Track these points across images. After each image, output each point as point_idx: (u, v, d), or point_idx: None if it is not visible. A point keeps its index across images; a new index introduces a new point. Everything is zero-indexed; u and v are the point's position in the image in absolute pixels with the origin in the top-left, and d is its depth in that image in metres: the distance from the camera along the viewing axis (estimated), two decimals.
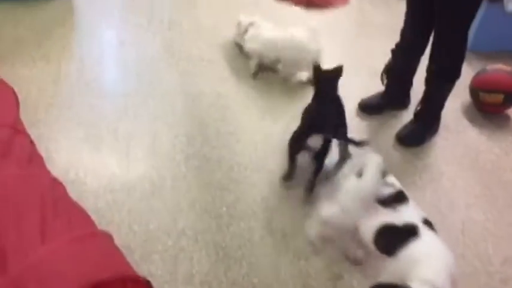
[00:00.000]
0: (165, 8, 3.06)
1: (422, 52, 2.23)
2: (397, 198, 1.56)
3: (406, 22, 2.21)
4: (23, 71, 2.42)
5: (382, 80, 2.39)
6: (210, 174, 2.04)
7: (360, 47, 2.95)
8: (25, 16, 2.82)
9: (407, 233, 1.44)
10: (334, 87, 2.04)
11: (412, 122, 2.31)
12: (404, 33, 2.23)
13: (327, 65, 2.03)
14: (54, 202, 1.35)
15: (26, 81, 2.36)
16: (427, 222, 1.49)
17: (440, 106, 2.26)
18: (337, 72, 2.00)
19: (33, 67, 2.46)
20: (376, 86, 2.44)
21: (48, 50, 2.59)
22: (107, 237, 1.38)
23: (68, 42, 2.70)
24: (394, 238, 1.46)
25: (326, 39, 2.97)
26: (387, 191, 1.58)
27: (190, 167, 2.06)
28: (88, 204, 1.80)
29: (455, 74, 2.12)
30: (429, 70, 2.15)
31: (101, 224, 1.65)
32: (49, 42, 2.65)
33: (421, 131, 2.29)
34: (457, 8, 1.93)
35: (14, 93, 1.77)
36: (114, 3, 3.07)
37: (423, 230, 1.45)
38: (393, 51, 2.31)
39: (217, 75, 2.59)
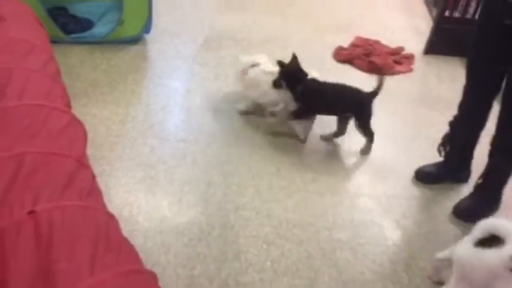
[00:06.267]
0: (233, 63, 3.19)
1: (481, 127, 2.19)
2: None
3: (465, 96, 2.18)
4: (94, 111, 2.58)
5: (439, 151, 2.35)
6: (258, 227, 2.04)
7: (420, 116, 2.93)
8: (102, 60, 3.04)
9: None
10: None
11: (471, 196, 2.23)
12: (462, 107, 2.21)
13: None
14: (107, 236, 1.39)
15: (96, 120, 2.51)
16: None
17: (503, 182, 2.17)
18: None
19: (104, 108, 2.61)
20: (434, 157, 2.40)
21: (119, 94, 2.76)
22: (152, 277, 1.39)
23: (138, 87, 2.86)
24: None
25: (386, 106, 2.99)
26: None
27: (240, 218, 2.07)
28: (137, 242, 1.85)
29: None
30: (494, 144, 2.09)
31: (147, 264, 1.67)
32: (121, 87, 2.82)
33: (481, 206, 2.20)
34: None
35: (83, 129, 1.88)
36: (185, 56, 3.24)
37: None
38: (451, 124, 2.28)
39: (277, 130, 2.63)
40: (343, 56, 3.46)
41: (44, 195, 1.34)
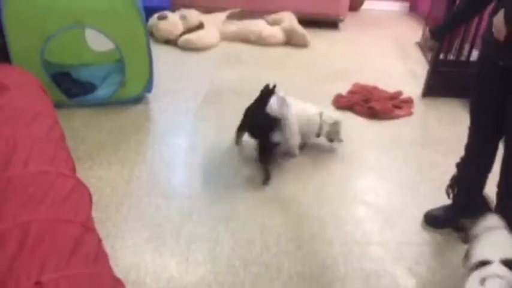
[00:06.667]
0: (233, 117, 3.23)
1: (488, 169, 2.18)
2: None
3: (470, 137, 2.19)
4: (99, 173, 2.59)
5: (447, 193, 2.34)
6: (268, 283, 2.00)
7: (423, 159, 2.93)
8: (106, 122, 3.08)
9: None
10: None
11: None
12: (468, 148, 2.21)
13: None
14: None
15: (101, 183, 2.52)
16: None
17: None
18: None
19: (109, 170, 2.63)
20: (441, 200, 2.38)
21: (123, 154, 2.78)
22: None
23: (142, 147, 2.89)
24: None
25: (389, 150, 3.00)
26: None
27: (249, 274, 2.03)
28: None
29: None
30: (500, 187, 2.07)
31: None
32: (125, 147, 2.85)
33: None
34: None
35: (88, 192, 1.88)
36: (186, 112, 3.29)
37: None
38: (458, 165, 2.27)
39: (280, 183, 2.64)
40: (343, 103, 3.50)
41: (50, 264, 1.33)
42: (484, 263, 1.66)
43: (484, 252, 1.73)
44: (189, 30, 4.55)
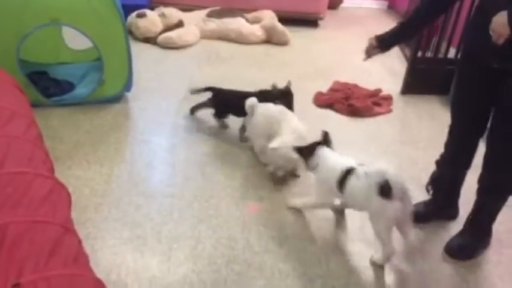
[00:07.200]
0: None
1: (467, 166, 2.20)
2: None
3: (450, 135, 2.22)
4: (78, 173, 2.55)
5: (427, 190, 2.37)
6: (250, 280, 2.00)
7: (403, 156, 2.96)
8: (84, 121, 3.04)
9: None
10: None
11: (461, 233, 2.23)
12: (448, 146, 2.23)
13: None
14: None
15: (80, 182, 2.48)
16: None
17: (492, 219, 2.17)
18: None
19: (88, 169, 2.59)
20: (421, 196, 2.41)
21: (102, 153, 2.75)
22: None
23: (122, 146, 2.85)
24: None
25: (369, 147, 3.02)
26: None
27: (231, 272, 2.03)
28: None
29: (509, 189, 2.06)
30: (481, 182, 2.09)
31: None
32: (104, 146, 2.81)
33: (472, 244, 2.20)
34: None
35: (67, 193, 1.85)
36: (167, 111, 3.27)
37: None
38: (437, 163, 2.30)
39: (260, 180, 2.63)
40: (323, 101, 3.52)
41: (29, 266, 1.30)
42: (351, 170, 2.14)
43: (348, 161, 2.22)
44: (169, 28, 4.52)
